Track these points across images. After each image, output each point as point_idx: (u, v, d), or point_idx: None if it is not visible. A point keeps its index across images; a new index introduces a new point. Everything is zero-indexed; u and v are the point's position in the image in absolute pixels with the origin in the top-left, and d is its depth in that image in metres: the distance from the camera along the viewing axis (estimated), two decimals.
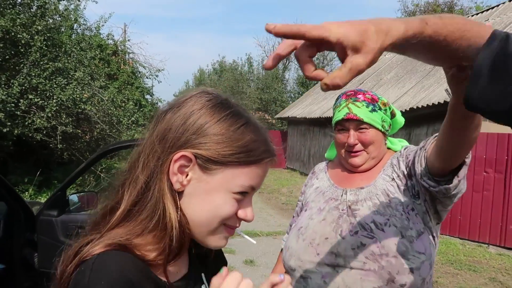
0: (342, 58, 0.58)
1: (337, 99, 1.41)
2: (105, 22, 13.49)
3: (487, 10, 11.26)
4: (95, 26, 11.86)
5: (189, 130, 0.67)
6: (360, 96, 1.34)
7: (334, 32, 0.56)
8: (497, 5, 10.83)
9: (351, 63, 0.57)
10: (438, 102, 7.32)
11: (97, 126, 8.18)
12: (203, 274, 0.77)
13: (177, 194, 0.68)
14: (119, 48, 13.83)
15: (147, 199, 0.67)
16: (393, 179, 1.31)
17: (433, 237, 1.27)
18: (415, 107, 8.09)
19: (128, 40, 15.05)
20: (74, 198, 2.68)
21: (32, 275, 2.52)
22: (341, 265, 1.22)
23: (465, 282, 4.63)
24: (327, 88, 0.57)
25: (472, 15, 11.94)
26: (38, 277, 2.53)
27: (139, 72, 15.02)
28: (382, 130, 1.35)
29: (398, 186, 1.29)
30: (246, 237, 0.77)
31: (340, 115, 1.33)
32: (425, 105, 7.74)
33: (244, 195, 0.70)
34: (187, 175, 0.68)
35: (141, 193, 0.67)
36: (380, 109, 1.33)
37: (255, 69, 31.52)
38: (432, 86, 8.62)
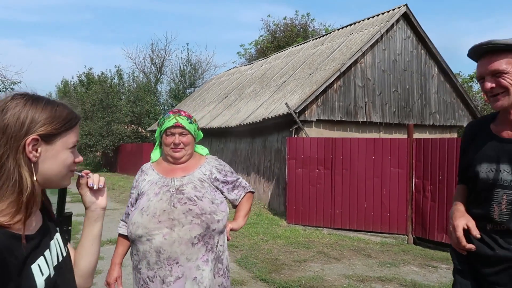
0: None
1: (164, 114, 2.11)
2: None
3: (323, 36, 13.51)
4: None
5: (26, 122, 0.96)
6: (182, 113, 2.09)
7: None
8: (329, 33, 13.13)
9: None
10: (283, 114, 8.71)
11: None
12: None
13: (33, 165, 0.98)
14: None
15: (3, 172, 0.94)
16: (205, 174, 2.08)
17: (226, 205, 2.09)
18: (267, 118, 9.40)
19: None
20: None
21: None
22: (176, 225, 1.88)
23: (299, 256, 5.81)
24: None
25: (316, 38, 14.05)
26: None
27: None
28: (194, 135, 2.10)
29: (208, 178, 2.07)
30: (78, 173, 1.18)
31: (171, 123, 2.02)
32: (274, 116, 9.10)
33: (74, 148, 1.07)
34: (37, 150, 0.98)
35: None
36: (192, 123, 2.09)
37: (126, 82, 30.77)
38: (280, 100, 10.08)
